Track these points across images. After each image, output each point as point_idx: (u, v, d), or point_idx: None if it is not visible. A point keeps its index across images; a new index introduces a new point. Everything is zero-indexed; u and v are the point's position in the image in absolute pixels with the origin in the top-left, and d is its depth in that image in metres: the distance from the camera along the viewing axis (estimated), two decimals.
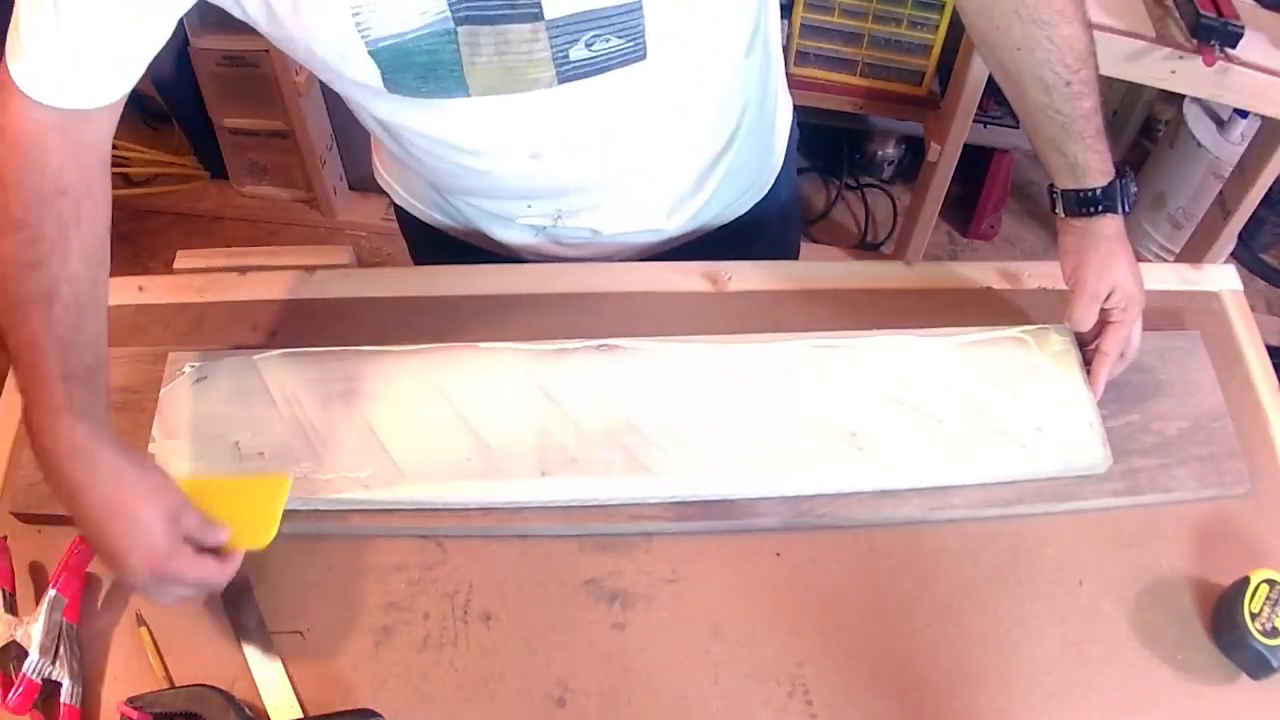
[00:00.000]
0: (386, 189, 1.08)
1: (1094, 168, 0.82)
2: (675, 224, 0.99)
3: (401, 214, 1.10)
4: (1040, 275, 0.99)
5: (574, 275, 0.99)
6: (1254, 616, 0.74)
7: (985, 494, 0.83)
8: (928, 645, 0.78)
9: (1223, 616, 0.77)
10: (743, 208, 1.05)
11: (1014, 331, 0.91)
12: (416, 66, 0.72)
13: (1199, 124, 2.02)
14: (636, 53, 0.75)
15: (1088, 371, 0.88)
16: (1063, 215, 0.85)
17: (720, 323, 0.93)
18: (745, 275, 0.98)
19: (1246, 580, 0.76)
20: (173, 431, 0.84)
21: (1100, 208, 0.83)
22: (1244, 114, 1.94)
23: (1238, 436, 0.87)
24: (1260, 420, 0.90)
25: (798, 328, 0.92)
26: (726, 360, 0.89)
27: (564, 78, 0.74)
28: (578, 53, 0.72)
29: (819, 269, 1.00)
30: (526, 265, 1.01)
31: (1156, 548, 0.82)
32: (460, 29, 0.70)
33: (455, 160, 0.85)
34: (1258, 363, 0.94)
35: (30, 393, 0.66)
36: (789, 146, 1.08)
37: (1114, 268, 0.84)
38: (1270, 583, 0.76)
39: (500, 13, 0.69)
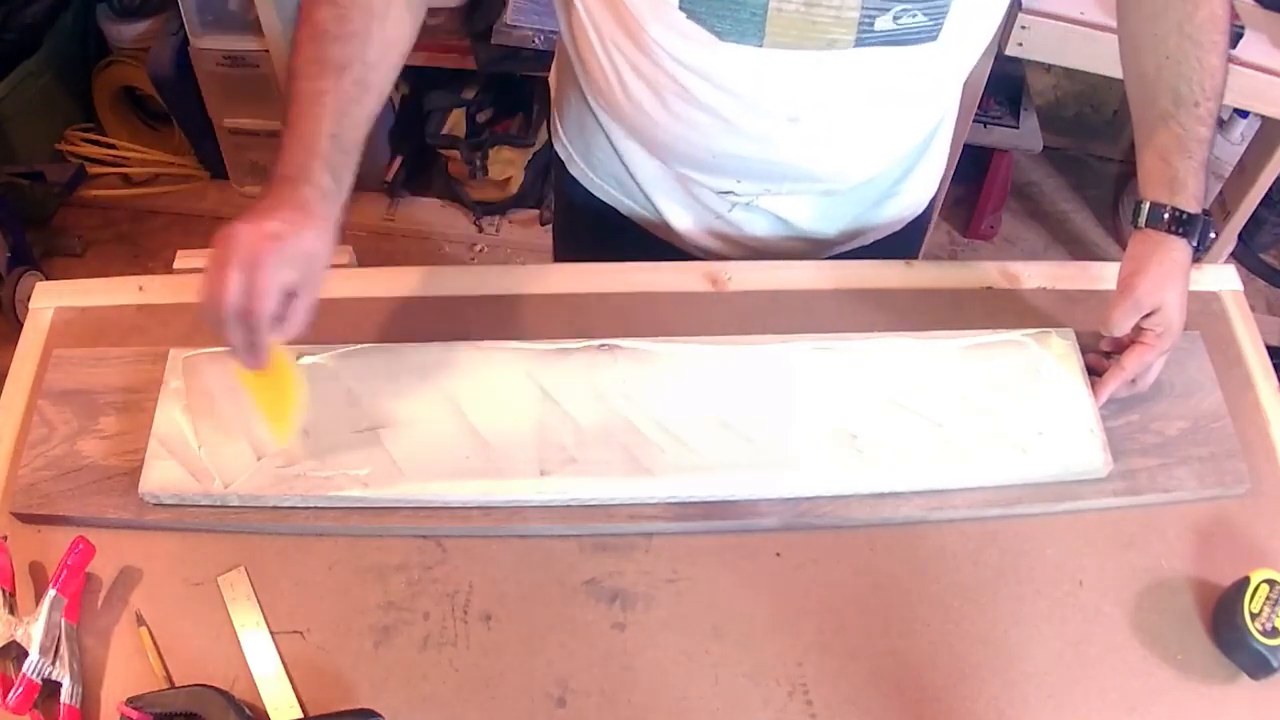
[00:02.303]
0: (564, 158, 1.08)
1: (1190, 191, 0.83)
2: (846, 233, 1.03)
3: (569, 187, 1.09)
4: (1040, 275, 0.99)
5: (574, 275, 0.99)
6: (1254, 616, 0.75)
7: (985, 494, 0.83)
8: (928, 645, 0.78)
9: (1223, 616, 0.77)
10: (897, 226, 1.08)
11: (1015, 335, 0.91)
12: (719, 1, 0.74)
13: None
14: (932, 34, 0.76)
15: (1092, 378, 0.88)
16: (1142, 225, 0.84)
17: (720, 323, 0.93)
18: (745, 275, 0.98)
19: (1246, 580, 0.76)
20: (172, 430, 0.84)
21: (1181, 230, 0.82)
22: (1244, 114, 1.94)
23: (1238, 436, 0.87)
24: (1260, 420, 0.90)
25: (798, 328, 0.92)
26: (726, 360, 0.89)
27: (860, 43, 0.76)
28: (883, 23, 0.74)
29: (819, 269, 1.00)
30: (527, 265, 1.01)
31: (1156, 548, 0.82)
32: None
33: (707, 110, 0.85)
34: (1258, 363, 0.94)
35: (295, 130, 0.74)
36: (946, 169, 1.11)
37: (1169, 289, 0.83)
38: (1270, 583, 0.76)
39: None
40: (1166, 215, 0.83)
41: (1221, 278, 1.01)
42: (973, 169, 2.11)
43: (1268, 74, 1.44)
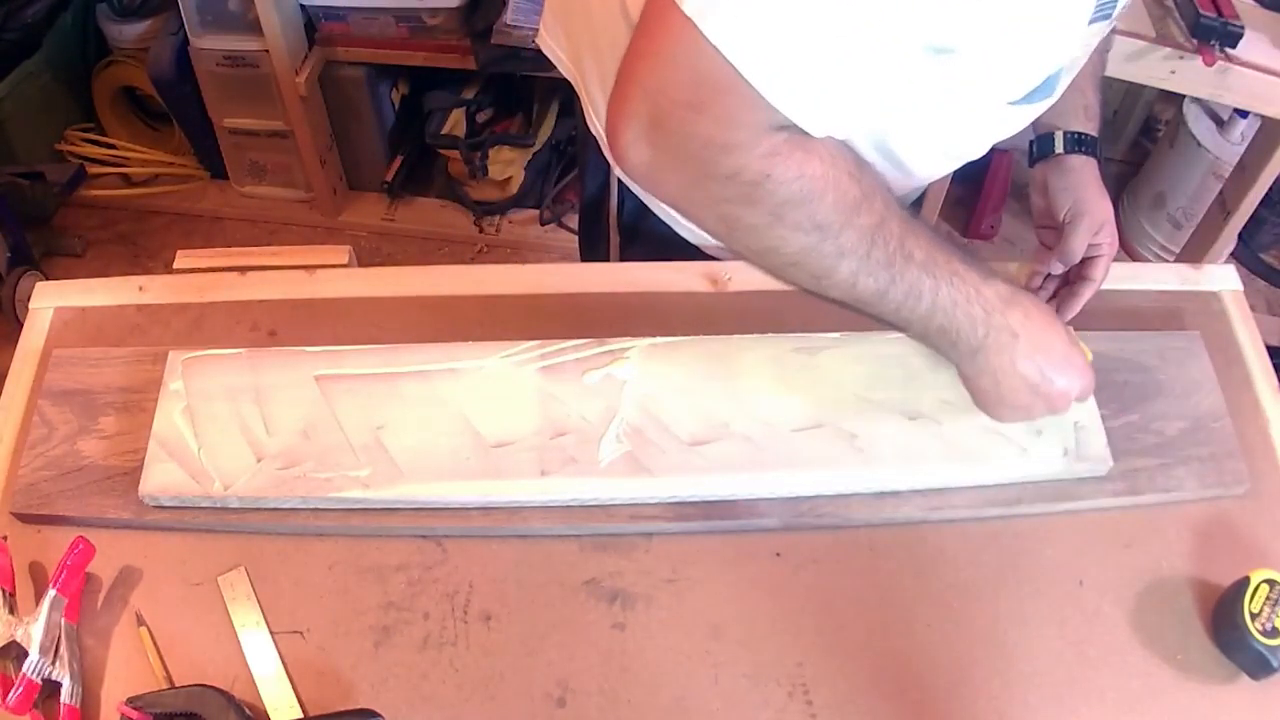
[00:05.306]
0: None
1: (1096, 117, 0.93)
2: None
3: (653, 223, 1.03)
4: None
5: (574, 275, 0.99)
6: (1254, 616, 0.75)
7: (985, 494, 0.83)
8: (928, 645, 0.78)
9: (1223, 616, 0.77)
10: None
11: None
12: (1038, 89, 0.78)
13: (1199, 124, 2.02)
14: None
15: (1061, 302, 0.93)
16: (1062, 152, 0.92)
17: (720, 323, 0.93)
18: (745, 275, 0.98)
19: (1246, 580, 0.76)
20: (172, 432, 0.84)
21: (1096, 151, 0.93)
22: (1244, 114, 1.94)
23: (1238, 436, 0.87)
24: (1260, 420, 0.90)
25: (798, 328, 0.91)
26: (726, 360, 0.89)
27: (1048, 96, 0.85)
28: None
29: None
30: (527, 265, 1.01)
31: (1156, 548, 0.82)
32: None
33: (937, 153, 0.87)
34: (1258, 363, 0.94)
35: (953, 294, 0.73)
36: None
37: (1106, 202, 0.92)
38: (1270, 583, 0.76)
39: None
40: (1080, 142, 0.92)
41: (1221, 278, 1.01)
42: (973, 169, 2.11)
43: (1268, 74, 1.43)
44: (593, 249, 1.15)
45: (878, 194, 0.69)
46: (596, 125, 0.99)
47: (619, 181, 1.02)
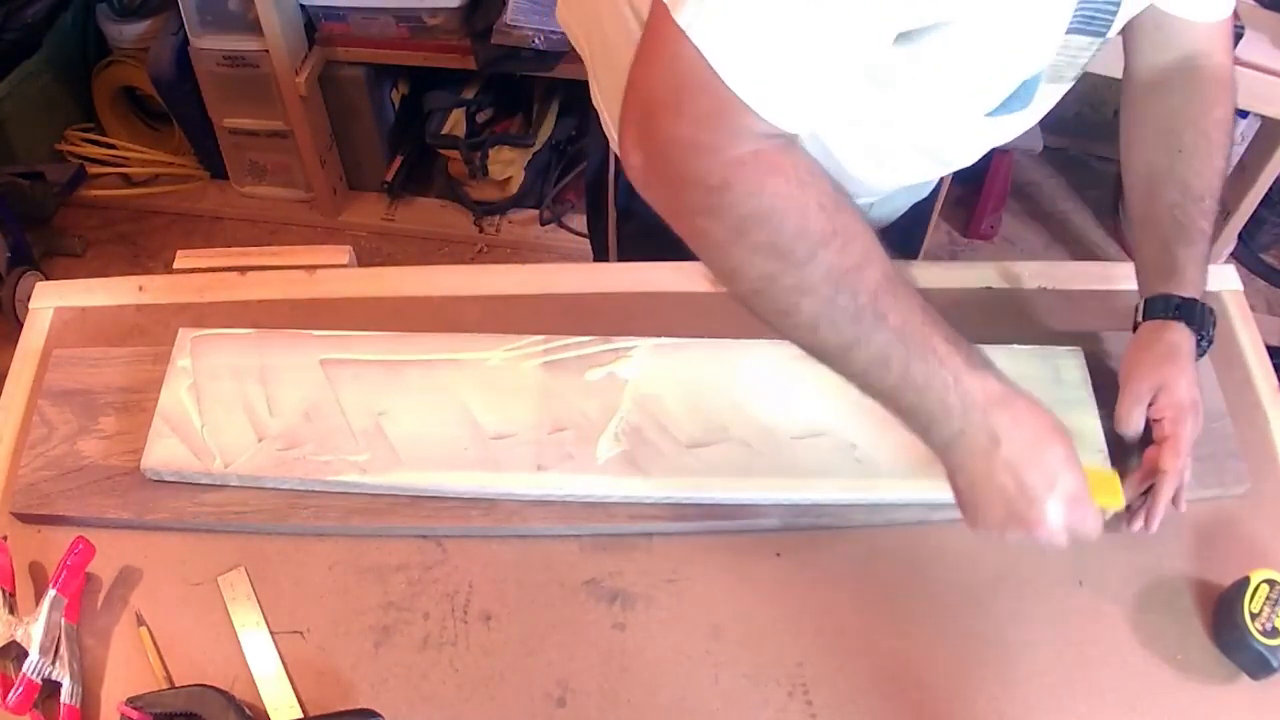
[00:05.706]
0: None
1: (1188, 278, 0.82)
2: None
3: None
4: (1040, 275, 0.99)
5: (574, 275, 0.99)
6: (1254, 616, 0.75)
7: None
8: (928, 645, 0.78)
9: (1223, 616, 0.77)
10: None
11: (1024, 350, 0.89)
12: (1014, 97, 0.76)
13: None
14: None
15: (1143, 501, 0.81)
16: (1141, 320, 0.83)
17: (720, 323, 0.93)
18: None
19: (1246, 580, 0.76)
20: (177, 408, 0.84)
21: (1178, 315, 0.81)
22: (1244, 114, 1.94)
23: (1238, 436, 0.87)
24: (1260, 420, 0.90)
25: None
26: (727, 362, 0.89)
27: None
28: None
29: None
30: (527, 265, 1.01)
31: (1156, 548, 0.82)
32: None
33: (904, 164, 0.86)
34: (1258, 363, 0.94)
35: (926, 373, 0.65)
36: None
37: (1167, 368, 0.80)
38: (1270, 583, 0.76)
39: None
40: (1163, 304, 0.82)
41: (1221, 278, 1.01)
42: (973, 169, 2.11)
43: (1268, 74, 1.44)
44: (595, 226, 1.16)
45: (858, 239, 0.64)
46: (599, 99, 0.99)
47: (615, 159, 1.02)
